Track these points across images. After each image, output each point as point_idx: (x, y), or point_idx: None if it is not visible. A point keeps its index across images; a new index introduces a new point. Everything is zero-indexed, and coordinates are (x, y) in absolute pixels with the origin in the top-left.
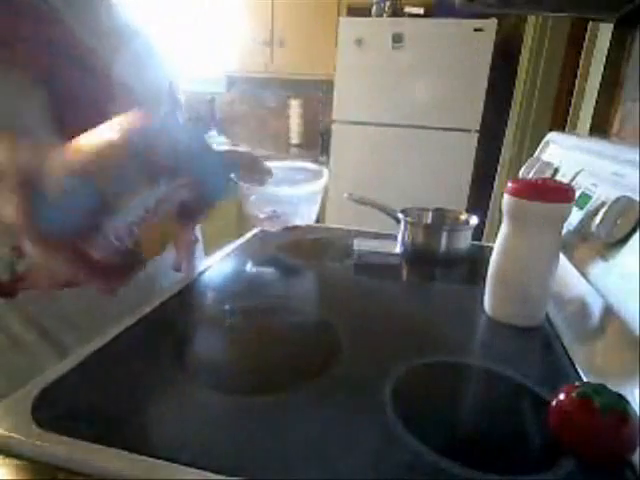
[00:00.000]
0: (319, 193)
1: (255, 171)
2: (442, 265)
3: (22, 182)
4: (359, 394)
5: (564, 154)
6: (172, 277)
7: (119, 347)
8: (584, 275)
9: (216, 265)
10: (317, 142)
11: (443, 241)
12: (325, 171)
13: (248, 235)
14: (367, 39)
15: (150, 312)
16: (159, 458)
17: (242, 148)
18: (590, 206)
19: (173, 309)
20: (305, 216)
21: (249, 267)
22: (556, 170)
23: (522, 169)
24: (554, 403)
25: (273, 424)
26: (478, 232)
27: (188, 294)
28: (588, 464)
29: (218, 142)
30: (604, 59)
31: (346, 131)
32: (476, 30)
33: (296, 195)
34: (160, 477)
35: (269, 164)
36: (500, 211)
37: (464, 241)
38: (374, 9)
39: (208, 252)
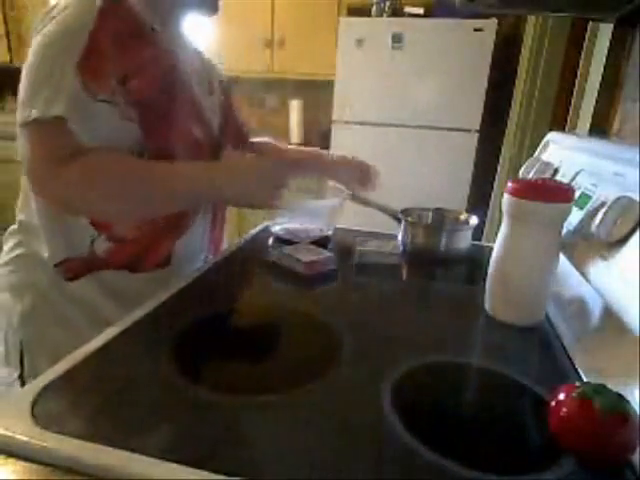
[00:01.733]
0: (341, 205)
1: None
2: (442, 265)
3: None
4: (359, 394)
5: (564, 154)
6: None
7: (118, 347)
8: (584, 275)
9: (217, 264)
10: (317, 142)
11: (443, 241)
12: (344, 192)
13: (252, 233)
14: (367, 39)
15: (150, 312)
16: (159, 457)
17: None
18: (590, 206)
19: (173, 309)
20: (329, 224)
21: (250, 268)
22: (556, 170)
23: (522, 169)
24: (554, 403)
25: (272, 424)
26: (478, 232)
27: (188, 294)
28: (588, 464)
29: None
30: (604, 59)
31: (346, 131)
32: (476, 30)
33: (322, 206)
34: (159, 476)
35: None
36: (500, 211)
37: (464, 241)
38: (374, 9)
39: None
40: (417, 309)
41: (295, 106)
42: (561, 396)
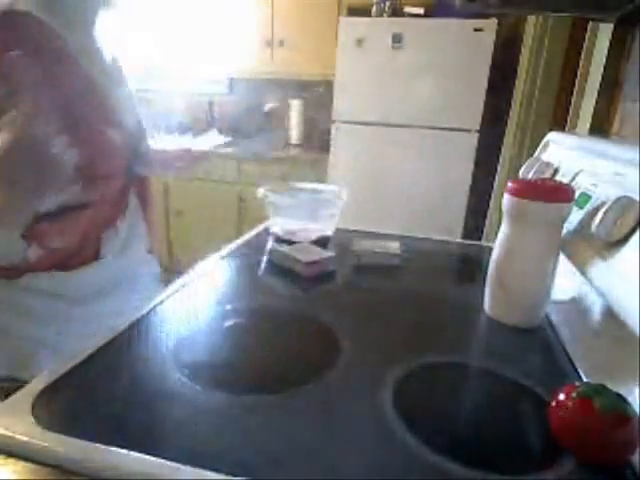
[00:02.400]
0: (337, 203)
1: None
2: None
3: None
4: (360, 395)
5: (564, 154)
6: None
7: (118, 347)
8: (584, 275)
9: (217, 265)
10: (317, 142)
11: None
12: (344, 191)
13: (252, 233)
14: (367, 39)
15: (149, 312)
16: (159, 457)
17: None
18: (590, 206)
19: (173, 309)
20: (326, 223)
21: (250, 268)
22: (556, 170)
23: (522, 169)
24: (554, 403)
25: (273, 424)
26: (478, 232)
27: (187, 294)
28: (588, 464)
29: (218, 142)
30: (604, 59)
31: (346, 131)
32: (476, 30)
33: (319, 204)
34: (160, 476)
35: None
36: (500, 211)
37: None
38: (374, 9)
39: (208, 252)
40: (417, 310)
41: (295, 106)
42: (561, 396)
